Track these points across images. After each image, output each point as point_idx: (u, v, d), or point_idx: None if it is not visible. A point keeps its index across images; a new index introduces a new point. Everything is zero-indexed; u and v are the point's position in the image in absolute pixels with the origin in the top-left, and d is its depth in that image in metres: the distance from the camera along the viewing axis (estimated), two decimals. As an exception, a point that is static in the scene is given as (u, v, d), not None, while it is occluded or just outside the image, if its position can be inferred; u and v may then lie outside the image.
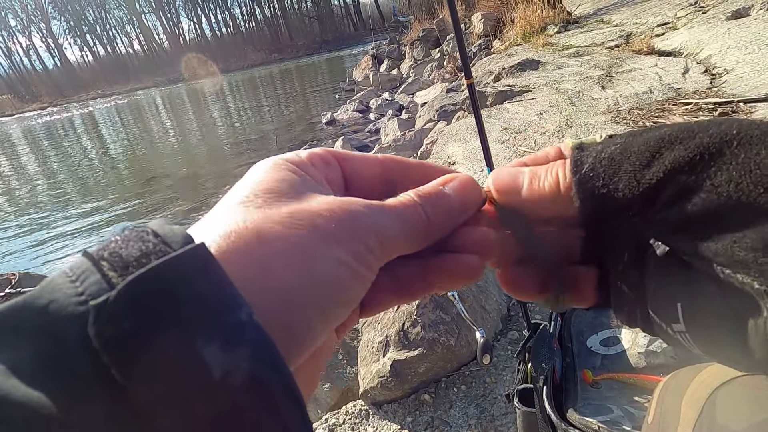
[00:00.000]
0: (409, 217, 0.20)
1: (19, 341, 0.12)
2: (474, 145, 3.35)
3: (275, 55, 55.78)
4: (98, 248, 0.14)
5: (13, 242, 5.67)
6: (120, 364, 0.12)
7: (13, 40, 74.28)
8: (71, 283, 0.13)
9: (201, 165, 8.03)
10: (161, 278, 0.13)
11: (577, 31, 6.31)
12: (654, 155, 0.18)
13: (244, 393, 0.13)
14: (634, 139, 0.19)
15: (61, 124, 25.04)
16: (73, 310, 0.12)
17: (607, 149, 0.20)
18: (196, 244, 0.14)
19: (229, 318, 0.13)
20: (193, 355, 0.12)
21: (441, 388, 1.52)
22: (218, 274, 0.14)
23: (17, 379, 0.12)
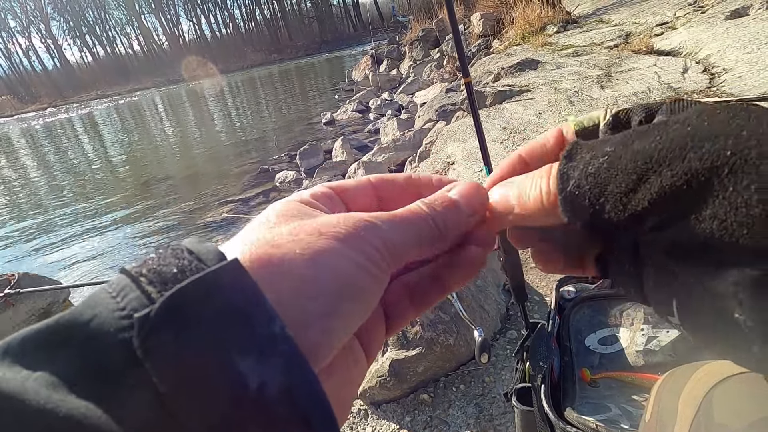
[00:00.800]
0: (416, 222, 0.21)
1: (64, 355, 0.13)
2: (473, 145, 3.35)
3: (275, 56, 55.81)
4: (136, 266, 0.15)
5: (13, 243, 5.67)
6: (161, 373, 0.13)
7: (13, 41, 74.32)
8: (112, 299, 0.14)
9: (201, 166, 8.03)
10: (199, 292, 0.14)
11: (576, 30, 6.31)
12: (641, 179, 0.17)
13: (279, 405, 0.13)
14: (624, 151, 0.18)
15: (60, 125, 25.05)
16: (116, 324, 0.13)
17: (594, 162, 0.19)
18: (229, 260, 0.15)
19: (264, 331, 0.14)
20: (230, 365, 0.13)
21: (440, 387, 1.52)
22: (251, 288, 0.15)
23: (65, 391, 0.12)
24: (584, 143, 0.20)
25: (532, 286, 1.85)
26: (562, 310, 1.01)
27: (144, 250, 4.47)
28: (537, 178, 0.21)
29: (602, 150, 0.19)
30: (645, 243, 0.19)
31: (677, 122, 0.18)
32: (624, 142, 0.19)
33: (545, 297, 1.81)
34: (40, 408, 0.12)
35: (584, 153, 0.20)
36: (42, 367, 0.12)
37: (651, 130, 0.18)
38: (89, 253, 4.72)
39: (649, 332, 0.89)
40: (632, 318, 0.93)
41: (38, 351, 0.13)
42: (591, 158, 0.19)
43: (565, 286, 1.07)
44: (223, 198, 5.45)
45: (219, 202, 5.33)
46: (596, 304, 0.99)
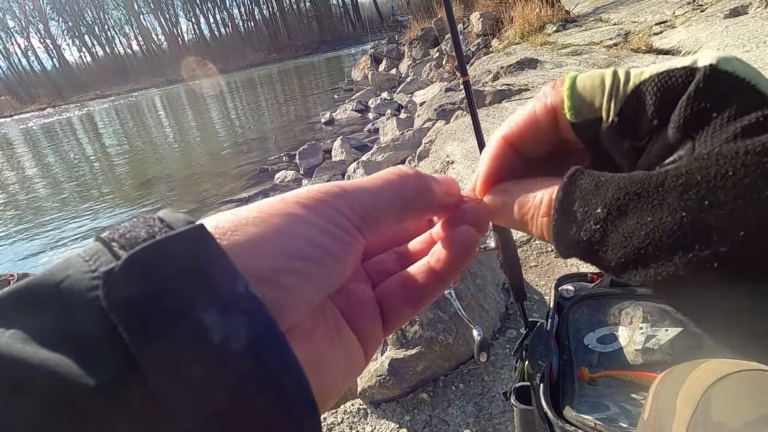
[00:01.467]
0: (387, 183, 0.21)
1: (36, 313, 0.13)
2: (472, 144, 3.34)
3: (274, 55, 55.78)
4: (109, 232, 0.15)
5: (12, 243, 5.66)
6: (127, 325, 0.13)
7: (12, 41, 74.21)
8: (85, 262, 0.14)
9: (200, 166, 8.02)
10: (163, 250, 0.14)
11: (575, 29, 6.30)
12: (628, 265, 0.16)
13: (243, 359, 0.14)
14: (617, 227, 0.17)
15: (59, 125, 25.01)
16: (86, 284, 0.14)
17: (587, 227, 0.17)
18: (195, 224, 0.16)
19: (227, 288, 0.14)
20: (193, 317, 0.13)
21: (439, 386, 1.52)
22: (215, 250, 0.15)
23: (38, 345, 0.13)
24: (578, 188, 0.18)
25: (531, 285, 1.85)
26: (561, 308, 1.01)
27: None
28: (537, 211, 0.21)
29: (595, 213, 0.17)
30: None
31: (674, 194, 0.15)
32: (618, 207, 0.16)
33: (544, 296, 1.81)
34: (13, 358, 0.12)
35: (577, 207, 0.18)
36: (15, 325, 0.13)
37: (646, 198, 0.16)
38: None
39: (648, 331, 0.89)
40: (631, 317, 0.93)
41: (11, 310, 0.13)
42: (583, 220, 0.18)
43: (564, 285, 1.07)
44: (222, 197, 5.45)
45: (219, 201, 5.33)
46: (595, 303, 0.99)
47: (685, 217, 0.14)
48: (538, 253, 2.05)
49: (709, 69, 0.16)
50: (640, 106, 0.18)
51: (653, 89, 0.17)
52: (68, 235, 5.43)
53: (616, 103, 0.18)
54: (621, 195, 0.16)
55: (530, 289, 1.83)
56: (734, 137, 0.15)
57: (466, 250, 0.23)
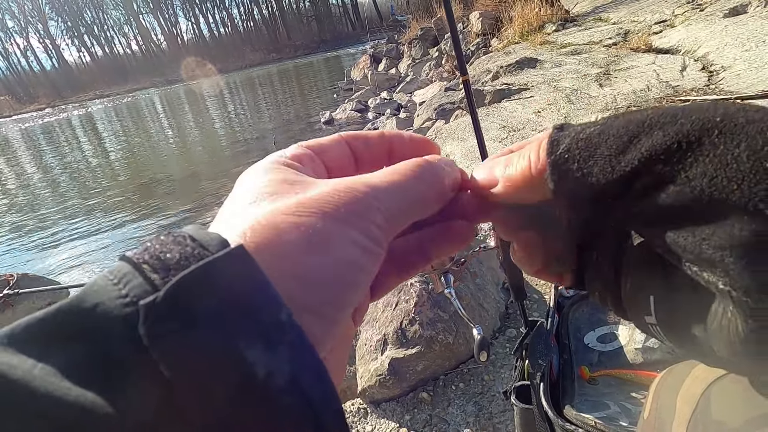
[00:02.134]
0: (410, 187, 0.20)
1: (68, 343, 0.13)
2: (472, 144, 3.34)
3: (273, 55, 55.75)
4: (137, 252, 0.14)
5: (11, 243, 5.66)
6: (168, 362, 0.12)
7: (11, 41, 74.11)
8: (114, 285, 0.13)
9: (200, 165, 8.02)
10: (203, 280, 0.13)
11: (574, 29, 6.30)
12: (631, 140, 0.17)
13: (286, 394, 0.13)
14: (615, 120, 0.18)
15: (59, 125, 24.99)
16: (119, 312, 0.13)
17: (586, 130, 0.19)
18: (234, 246, 0.15)
19: (270, 319, 0.14)
20: (237, 353, 0.13)
21: (439, 386, 1.52)
22: (257, 276, 0.14)
23: (69, 380, 0.12)
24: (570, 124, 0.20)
25: (531, 285, 1.85)
26: (561, 308, 1.01)
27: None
28: (526, 149, 0.21)
29: (593, 123, 0.19)
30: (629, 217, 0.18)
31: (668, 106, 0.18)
32: (616, 115, 0.19)
33: (544, 295, 1.81)
34: (48, 395, 0.11)
35: (576, 126, 0.20)
36: (47, 356, 0.12)
37: (644, 109, 0.19)
38: (88, 254, 4.71)
39: (647, 330, 0.89)
40: (631, 316, 0.93)
41: (43, 340, 0.13)
42: (583, 128, 0.19)
43: (564, 284, 1.07)
44: (222, 198, 5.44)
45: (218, 202, 5.33)
46: (595, 302, 0.99)
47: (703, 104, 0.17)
48: (537, 252, 2.05)
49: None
50: None
51: None
52: (67, 236, 5.43)
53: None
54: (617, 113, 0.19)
55: (530, 288, 1.83)
56: None
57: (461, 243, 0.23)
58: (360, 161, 0.24)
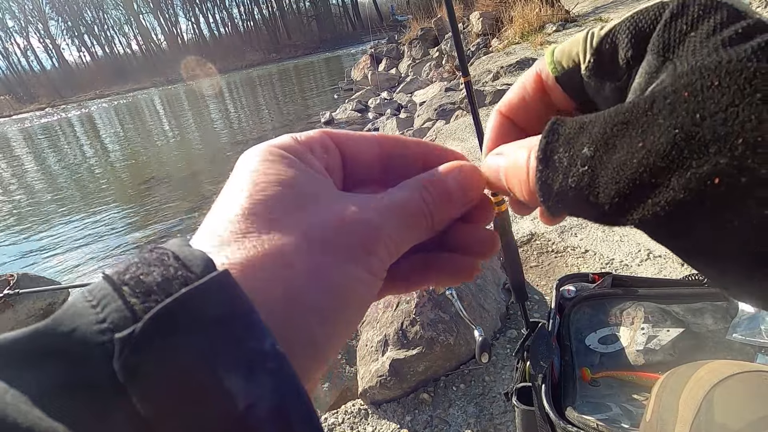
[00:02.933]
0: (415, 216, 0.20)
1: (42, 368, 0.12)
2: (473, 144, 3.35)
3: (274, 55, 55.76)
4: (118, 271, 0.14)
5: (11, 243, 5.66)
6: (145, 397, 0.12)
7: (11, 41, 74.14)
8: (92, 308, 0.13)
9: (200, 165, 8.02)
10: (185, 309, 0.13)
11: (575, 29, 6.31)
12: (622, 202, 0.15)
13: (268, 424, 0.13)
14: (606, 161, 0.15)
15: (59, 125, 24.99)
16: (96, 339, 0.12)
17: (574, 171, 0.16)
18: (219, 271, 0.14)
19: (253, 347, 0.13)
20: (217, 385, 0.12)
21: (440, 387, 1.52)
22: (242, 304, 0.14)
23: (41, 410, 0.12)
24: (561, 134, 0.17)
25: (532, 286, 1.85)
26: (562, 309, 1.01)
27: (143, 251, 4.47)
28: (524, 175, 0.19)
29: (581, 154, 0.16)
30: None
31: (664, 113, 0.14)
32: (604, 143, 0.15)
33: (545, 296, 1.81)
34: (16, 426, 0.11)
35: (562, 153, 0.17)
36: (19, 380, 0.12)
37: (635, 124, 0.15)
38: (88, 254, 4.71)
39: (649, 331, 0.89)
40: (632, 317, 0.93)
41: (15, 363, 0.12)
42: (569, 165, 0.16)
43: (565, 285, 1.07)
44: (222, 198, 5.44)
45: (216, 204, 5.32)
46: (596, 303, 0.99)
47: (677, 135, 0.13)
48: (539, 253, 2.05)
49: (670, 12, 0.16)
50: (614, 45, 0.18)
51: (626, 26, 0.17)
52: (67, 235, 5.43)
53: (591, 46, 0.19)
54: (608, 128, 0.15)
55: (531, 289, 1.83)
56: (715, 50, 0.14)
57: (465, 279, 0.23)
58: (393, 165, 0.23)
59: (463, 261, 0.22)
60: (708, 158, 0.13)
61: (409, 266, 0.22)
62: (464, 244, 0.23)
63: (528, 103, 0.22)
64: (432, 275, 0.23)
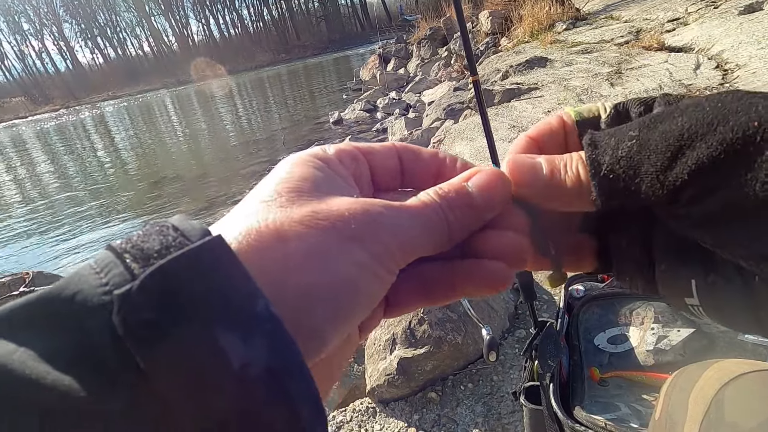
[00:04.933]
0: (429, 218, 0.20)
1: (48, 329, 0.13)
2: (481, 144, 3.33)
3: (283, 56, 56.03)
4: (121, 242, 0.15)
5: (26, 242, 5.77)
6: (143, 351, 0.13)
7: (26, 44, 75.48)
8: (96, 274, 0.14)
9: (209, 166, 8.10)
10: (180, 269, 0.14)
11: (585, 27, 6.24)
12: (676, 155, 0.18)
13: (262, 385, 0.13)
14: (651, 133, 0.19)
15: (73, 126, 25.40)
16: (98, 300, 0.13)
17: (622, 146, 0.19)
18: (213, 236, 0.15)
19: (247, 309, 0.14)
20: (212, 342, 0.13)
21: (448, 386, 1.52)
22: (236, 266, 0.14)
23: (48, 364, 0.12)
24: (602, 131, 0.21)
25: (540, 285, 1.84)
26: (571, 308, 1.01)
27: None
28: (569, 161, 0.21)
29: (627, 135, 0.19)
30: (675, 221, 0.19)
31: (690, 106, 0.18)
32: (647, 125, 0.19)
33: (554, 296, 1.80)
34: (26, 378, 0.12)
35: (607, 139, 0.20)
36: (27, 342, 0.13)
37: (669, 112, 0.19)
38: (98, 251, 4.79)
39: (659, 331, 0.88)
40: (642, 317, 0.93)
41: (23, 326, 0.13)
42: (617, 142, 0.19)
43: (574, 285, 1.06)
44: (232, 197, 5.49)
45: (229, 201, 5.37)
46: (605, 303, 0.99)
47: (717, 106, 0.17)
48: (547, 252, 2.03)
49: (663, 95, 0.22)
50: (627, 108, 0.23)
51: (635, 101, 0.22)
52: (80, 234, 5.52)
53: (610, 106, 0.24)
54: (648, 119, 0.19)
55: (540, 288, 1.82)
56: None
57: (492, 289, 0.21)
58: (407, 175, 0.23)
59: (491, 266, 0.21)
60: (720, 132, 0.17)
61: (437, 276, 0.21)
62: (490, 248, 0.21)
63: (552, 135, 0.25)
64: (460, 284, 0.21)
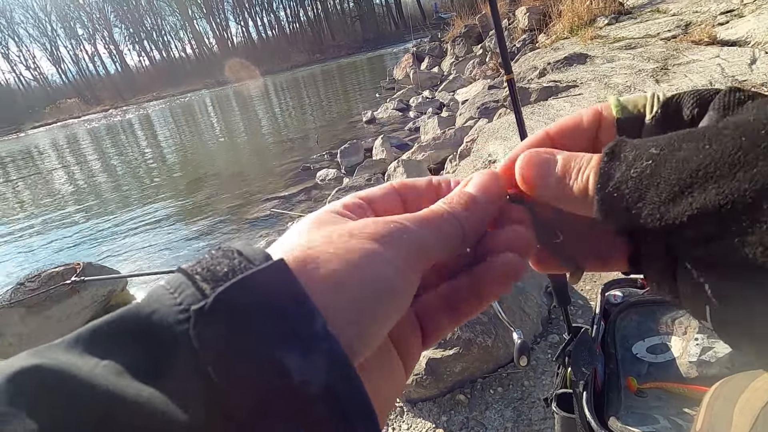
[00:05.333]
0: (440, 222, 0.21)
1: (128, 345, 0.14)
2: (515, 143, 3.26)
3: (318, 56, 56.85)
4: (191, 265, 0.16)
5: (77, 234, 6.14)
6: (215, 363, 0.14)
7: (81, 48, 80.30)
8: (170, 294, 0.15)
9: (246, 164, 8.34)
10: (247, 289, 0.15)
11: (629, 22, 5.98)
12: (683, 191, 0.17)
13: (320, 402, 0.14)
14: (670, 157, 0.17)
15: (120, 126, 26.83)
16: (173, 318, 0.14)
17: (637, 165, 0.18)
18: (275, 260, 0.16)
19: (306, 328, 0.15)
20: (275, 359, 0.14)
21: (477, 389, 1.50)
22: (296, 287, 0.16)
23: (130, 378, 0.13)
24: (629, 141, 0.20)
25: (575, 289, 1.78)
26: (607, 315, 0.97)
27: (194, 243, 4.70)
28: (584, 165, 0.20)
29: (647, 152, 0.18)
30: (677, 247, 0.18)
31: (731, 128, 0.17)
32: (670, 145, 0.18)
33: (590, 301, 1.74)
34: (108, 392, 0.13)
35: (628, 152, 0.19)
36: (109, 357, 0.14)
37: (701, 135, 0.17)
38: (144, 245, 5.03)
39: (704, 342, 0.84)
40: (685, 327, 0.88)
41: (106, 341, 0.14)
42: (634, 159, 0.18)
43: (611, 291, 1.03)
44: (267, 195, 5.64)
45: (263, 198, 5.52)
46: (645, 311, 0.95)
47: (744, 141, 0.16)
48: (583, 256, 1.97)
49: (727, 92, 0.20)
50: (679, 105, 0.21)
51: (691, 94, 0.21)
52: (125, 228, 5.82)
53: (659, 103, 0.22)
54: (675, 137, 0.18)
55: (574, 293, 1.77)
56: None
57: (509, 280, 0.22)
58: (409, 207, 0.25)
59: (503, 258, 0.22)
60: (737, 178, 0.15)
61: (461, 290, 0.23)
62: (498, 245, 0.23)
63: (579, 132, 0.24)
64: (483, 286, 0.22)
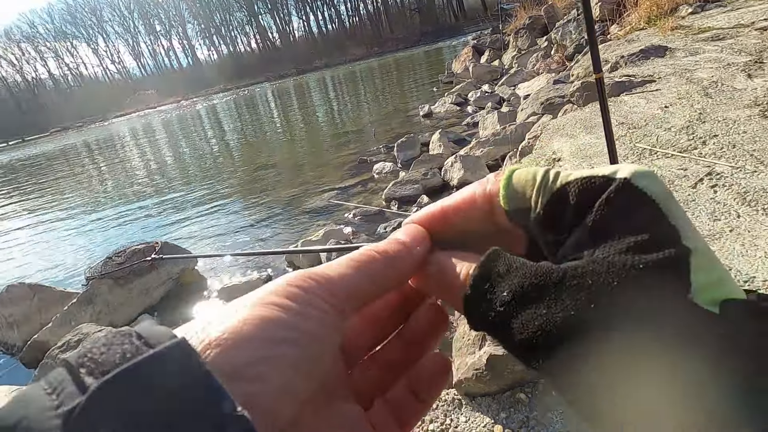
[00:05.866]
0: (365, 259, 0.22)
1: None
2: (583, 142, 3.13)
3: (375, 49, 57.23)
4: (79, 353, 0.14)
5: (149, 216, 6.70)
6: None
7: (158, 43, 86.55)
8: (48, 395, 0.13)
9: (303, 155, 8.64)
10: (138, 377, 0.13)
11: (717, 10, 5.46)
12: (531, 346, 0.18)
13: None
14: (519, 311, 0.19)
15: (190, 116, 28.72)
16: (47, 424, 0.12)
17: (491, 311, 0.20)
18: (176, 339, 0.14)
19: (212, 411, 0.13)
20: None
21: (538, 389, 1.48)
22: (199, 368, 0.14)
23: None
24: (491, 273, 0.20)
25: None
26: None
27: (256, 230, 4.97)
28: (456, 284, 0.22)
29: (502, 296, 0.19)
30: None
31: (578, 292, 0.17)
32: (522, 294, 0.19)
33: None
34: None
35: (488, 287, 0.20)
36: None
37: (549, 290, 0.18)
38: (210, 228, 5.39)
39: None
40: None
41: None
42: (491, 299, 0.20)
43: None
44: (324, 186, 5.81)
45: (321, 189, 5.70)
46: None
47: (572, 316, 0.17)
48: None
49: (622, 182, 0.18)
50: (563, 204, 0.20)
51: (575, 191, 0.19)
52: (193, 212, 6.25)
53: (543, 198, 0.21)
54: (525, 283, 0.19)
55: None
56: (626, 250, 0.17)
57: (442, 375, 0.25)
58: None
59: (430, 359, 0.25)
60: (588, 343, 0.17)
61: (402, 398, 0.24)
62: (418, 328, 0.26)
63: (473, 212, 0.24)
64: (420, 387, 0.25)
